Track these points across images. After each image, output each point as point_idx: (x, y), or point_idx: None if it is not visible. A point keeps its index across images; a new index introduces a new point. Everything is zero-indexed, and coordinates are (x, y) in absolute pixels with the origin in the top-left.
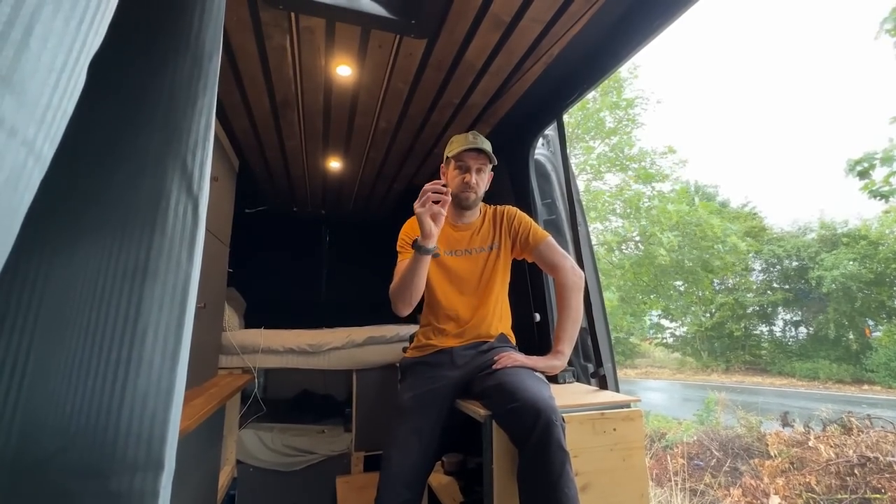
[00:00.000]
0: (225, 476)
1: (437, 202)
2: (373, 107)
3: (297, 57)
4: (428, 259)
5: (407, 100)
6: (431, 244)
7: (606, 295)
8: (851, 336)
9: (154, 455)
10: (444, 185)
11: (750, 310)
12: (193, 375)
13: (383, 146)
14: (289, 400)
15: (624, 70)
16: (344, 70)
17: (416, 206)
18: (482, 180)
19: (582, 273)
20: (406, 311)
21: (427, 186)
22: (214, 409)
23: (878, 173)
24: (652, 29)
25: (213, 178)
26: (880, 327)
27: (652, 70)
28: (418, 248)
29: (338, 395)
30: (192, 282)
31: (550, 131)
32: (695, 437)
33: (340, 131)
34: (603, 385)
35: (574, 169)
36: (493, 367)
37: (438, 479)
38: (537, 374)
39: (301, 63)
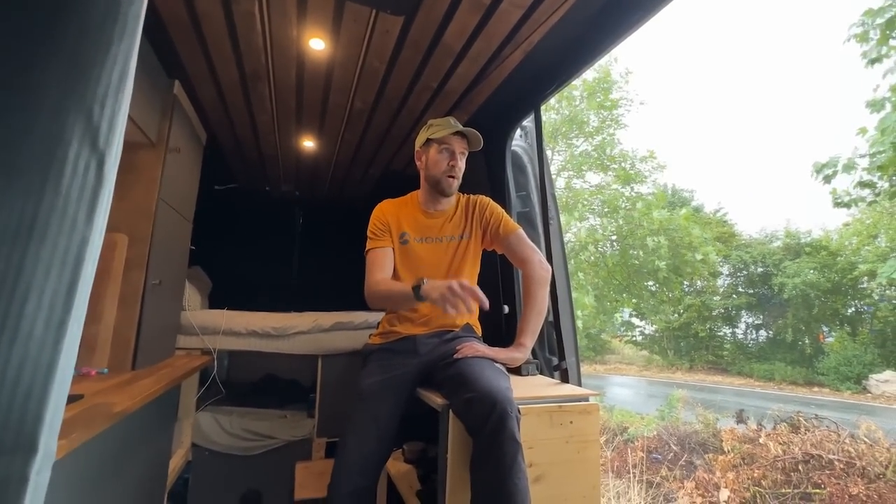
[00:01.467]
0: (178, 459)
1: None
2: (348, 85)
3: (266, 26)
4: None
5: (383, 80)
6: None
7: (585, 300)
8: (807, 341)
9: (25, 437)
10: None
11: (716, 312)
12: (145, 354)
13: (359, 127)
14: (252, 383)
15: (616, 74)
16: (317, 43)
17: (448, 291)
18: (463, 167)
19: (549, 267)
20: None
21: (479, 294)
22: (164, 391)
23: (843, 179)
24: (630, 23)
25: (175, 149)
26: (833, 333)
27: (636, 71)
28: (417, 294)
29: (304, 381)
30: (89, 245)
31: (528, 123)
32: (655, 432)
33: (314, 109)
34: (565, 379)
35: (557, 165)
36: (455, 356)
37: (398, 466)
38: (497, 365)
39: (272, 33)
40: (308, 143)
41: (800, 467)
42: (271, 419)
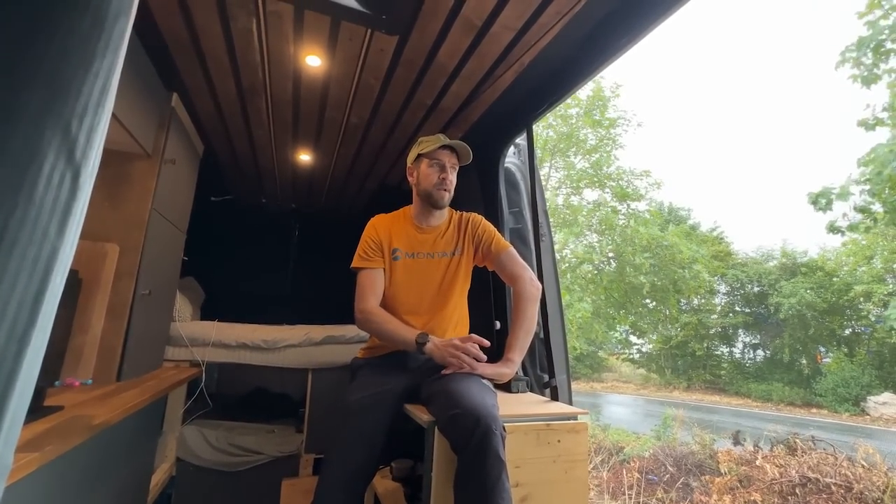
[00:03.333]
0: (161, 474)
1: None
2: (344, 101)
3: (264, 42)
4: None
5: (379, 97)
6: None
7: (581, 305)
8: (804, 361)
9: None
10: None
11: (713, 331)
12: (132, 366)
13: (354, 142)
14: (241, 396)
15: (607, 90)
16: (313, 60)
17: (450, 355)
18: (454, 181)
19: (540, 285)
20: None
21: (479, 342)
22: (147, 403)
23: (838, 207)
24: (620, 45)
25: (171, 161)
26: (830, 354)
27: (634, 94)
28: (420, 350)
29: (294, 395)
30: (59, 257)
31: (521, 140)
32: (651, 453)
33: (310, 123)
34: (555, 396)
35: (555, 181)
36: (443, 372)
37: (385, 485)
38: (485, 381)
39: (269, 49)
40: (304, 157)
41: (797, 490)
42: (259, 434)
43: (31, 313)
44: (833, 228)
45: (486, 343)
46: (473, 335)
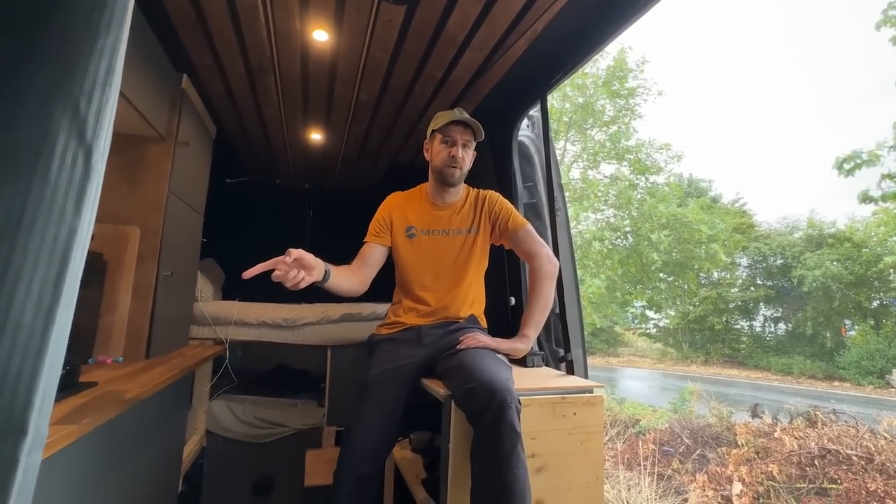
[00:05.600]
0: (193, 445)
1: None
2: (353, 76)
3: (270, 18)
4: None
5: (388, 71)
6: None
7: (594, 281)
8: (827, 334)
9: (15, 421)
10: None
11: (732, 304)
12: (159, 344)
13: (365, 119)
14: (265, 373)
15: (631, 62)
16: (321, 35)
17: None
18: (468, 156)
19: (557, 262)
20: (355, 295)
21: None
22: (175, 379)
23: (866, 173)
24: (637, 8)
25: (184, 143)
26: (856, 327)
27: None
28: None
29: (314, 371)
30: (77, 236)
31: (535, 112)
32: (666, 425)
33: (320, 101)
34: (570, 371)
35: (572, 155)
36: (457, 347)
37: (405, 455)
38: (500, 356)
39: (275, 25)
40: (315, 136)
41: (816, 462)
42: (282, 408)
43: (55, 292)
44: (866, 197)
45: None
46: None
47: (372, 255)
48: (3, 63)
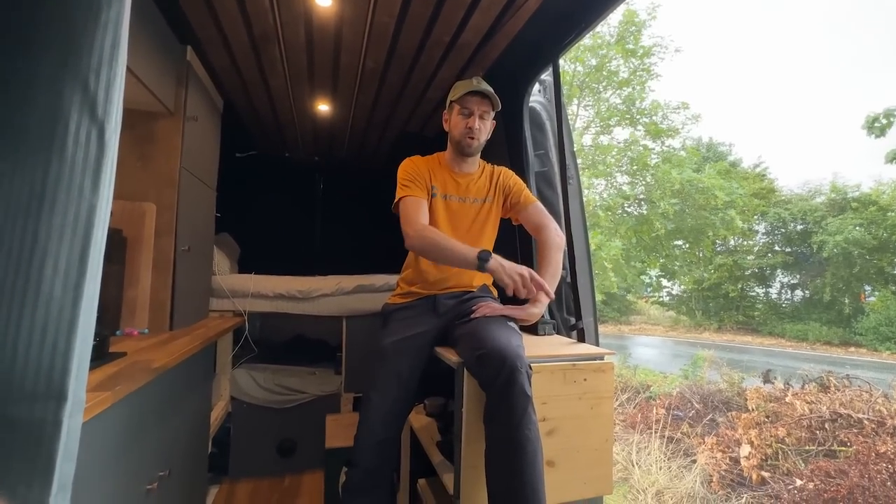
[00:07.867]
0: (219, 410)
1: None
2: (358, 44)
3: None
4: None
5: (394, 37)
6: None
7: (616, 242)
8: (846, 300)
9: (55, 386)
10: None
11: (749, 272)
12: (181, 316)
13: (372, 88)
14: (283, 343)
15: (642, 12)
16: (324, 0)
17: (509, 277)
18: (485, 127)
19: (564, 235)
20: None
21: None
22: (199, 349)
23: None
24: None
25: (193, 118)
26: (876, 293)
27: (671, 16)
28: (481, 265)
29: (331, 341)
30: (98, 212)
31: (547, 77)
32: (677, 391)
33: (325, 70)
34: (581, 338)
35: (584, 120)
36: (471, 315)
37: (420, 420)
38: (511, 324)
39: None
40: (323, 107)
41: (826, 426)
42: (302, 376)
43: (80, 266)
44: (895, 157)
45: (552, 295)
46: (544, 283)
47: (425, 209)
48: (8, 43)
